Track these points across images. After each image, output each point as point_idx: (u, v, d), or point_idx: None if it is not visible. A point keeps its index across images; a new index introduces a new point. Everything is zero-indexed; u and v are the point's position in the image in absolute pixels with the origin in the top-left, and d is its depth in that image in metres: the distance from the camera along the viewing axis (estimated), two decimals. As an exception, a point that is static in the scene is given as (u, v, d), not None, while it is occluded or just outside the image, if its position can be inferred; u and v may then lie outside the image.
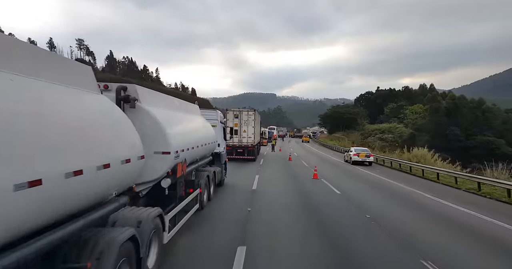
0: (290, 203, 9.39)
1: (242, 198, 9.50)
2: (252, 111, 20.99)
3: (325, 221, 7.49)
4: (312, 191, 11.38)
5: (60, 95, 2.75)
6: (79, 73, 3.36)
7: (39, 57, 2.69)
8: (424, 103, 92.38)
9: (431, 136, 62.77)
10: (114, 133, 3.56)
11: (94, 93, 3.53)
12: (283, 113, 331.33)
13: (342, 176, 15.91)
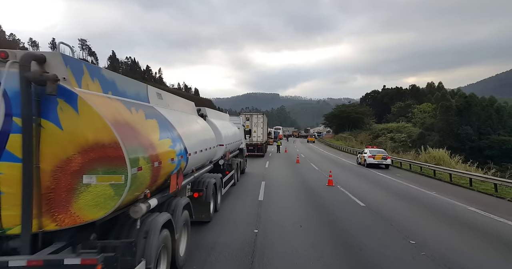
0: (306, 220, 7.49)
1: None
2: (261, 114, 24.08)
3: (358, 253, 5.56)
4: (331, 203, 9.47)
5: (189, 117, 6.36)
6: (190, 105, 7.15)
7: (178, 100, 6.28)
8: (433, 102, 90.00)
9: (441, 135, 60.32)
10: (206, 134, 6.86)
11: (195, 115, 7.36)
12: (286, 113, 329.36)
13: (360, 182, 13.94)
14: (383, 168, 19.51)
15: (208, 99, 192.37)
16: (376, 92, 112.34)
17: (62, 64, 2.74)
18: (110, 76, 3.53)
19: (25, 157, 2.53)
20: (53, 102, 2.65)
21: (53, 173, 2.64)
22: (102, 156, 2.70)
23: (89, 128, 2.68)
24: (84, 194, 2.69)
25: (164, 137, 4.07)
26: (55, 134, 2.64)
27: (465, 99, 67.62)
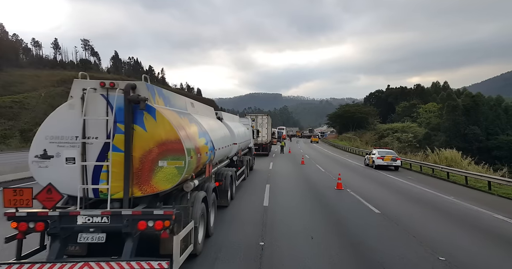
0: (317, 231, 6.70)
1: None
2: (266, 115, 24.84)
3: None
4: (342, 210, 8.67)
5: (211, 120, 7.75)
6: (211, 110, 8.79)
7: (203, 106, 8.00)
8: (438, 102, 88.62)
9: (448, 135, 59.18)
10: (224, 134, 8.42)
11: (215, 118, 9.04)
12: (289, 113, 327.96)
13: (370, 186, 13.11)
14: (392, 170, 18.65)
15: (210, 99, 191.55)
16: (380, 91, 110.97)
17: (145, 89, 4.31)
18: (166, 94, 5.13)
19: (126, 149, 3.99)
20: (141, 114, 4.12)
21: (140, 159, 4.11)
22: (170, 148, 4.16)
23: (162, 130, 4.17)
24: (159, 173, 4.13)
25: (201, 136, 5.67)
26: (142, 134, 4.13)
27: (472, 98, 66.37)
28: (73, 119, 4.09)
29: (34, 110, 62.23)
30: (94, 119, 4.11)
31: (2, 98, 59.78)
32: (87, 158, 4.09)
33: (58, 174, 4.04)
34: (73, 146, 4.09)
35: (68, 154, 4.09)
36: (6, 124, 55.05)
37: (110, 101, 4.13)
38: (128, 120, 4.04)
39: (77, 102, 4.15)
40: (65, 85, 76.31)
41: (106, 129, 4.11)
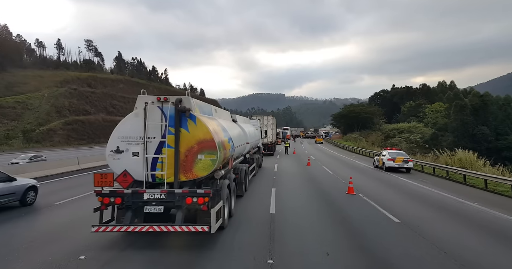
0: (332, 244, 5.89)
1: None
2: (271, 116, 26.03)
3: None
4: (357, 218, 7.85)
5: (229, 123, 9.21)
6: (228, 114, 10.52)
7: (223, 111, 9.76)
8: (445, 101, 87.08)
9: (456, 136, 57.86)
10: (240, 134, 9.56)
11: (231, 121, 10.15)
12: (292, 113, 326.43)
13: (383, 190, 12.23)
14: (404, 172, 17.72)
15: (214, 100, 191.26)
16: (385, 91, 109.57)
17: (189, 102, 6.00)
18: (200, 104, 6.76)
19: (175, 146, 5.65)
20: (185, 120, 5.79)
21: (185, 153, 5.73)
22: (206, 146, 5.76)
23: (201, 132, 5.81)
24: (198, 164, 5.73)
25: (225, 136, 7.04)
26: (186, 135, 5.76)
27: (480, 98, 64.88)
28: (138, 124, 5.77)
29: (37, 110, 62.03)
30: (153, 124, 5.75)
31: (6, 99, 59.65)
32: (147, 152, 5.74)
33: (126, 164, 5.76)
34: (137, 144, 5.79)
35: (134, 150, 5.78)
36: (9, 125, 54.86)
37: (164, 111, 5.78)
38: (177, 124, 5.73)
39: (141, 111, 5.80)
40: (68, 85, 76.11)
41: (161, 131, 5.75)
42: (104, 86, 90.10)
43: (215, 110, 8.14)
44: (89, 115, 70.33)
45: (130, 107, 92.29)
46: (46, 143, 54.41)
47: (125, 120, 5.93)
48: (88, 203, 7.77)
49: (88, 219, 6.31)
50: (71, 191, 10.64)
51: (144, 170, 5.70)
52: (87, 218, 6.51)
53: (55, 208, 8.66)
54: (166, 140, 5.68)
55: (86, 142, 63.03)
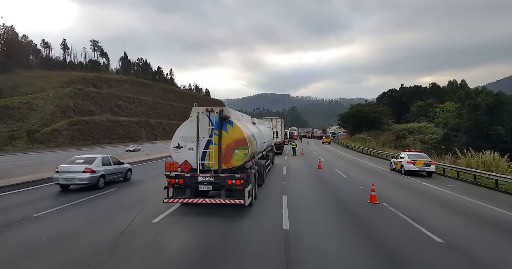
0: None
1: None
2: (280, 118, 27.73)
3: None
4: (387, 236, 6.52)
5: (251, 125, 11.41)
6: (249, 117, 12.67)
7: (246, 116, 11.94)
8: (455, 101, 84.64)
9: (469, 136, 55.75)
10: (259, 134, 11.74)
11: (251, 123, 12.18)
12: (298, 113, 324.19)
13: (409, 198, 10.85)
14: (425, 176, 16.26)
15: (219, 100, 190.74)
16: (394, 91, 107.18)
17: (228, 111, 8.40)
18: (233, 111, 9.46)
19: (218, 143, 8.01)
20: (225, 124, 8.15)
21: (225, 149, 8.08)
22: (240, 143, 8.11)
23: (236, 133, 8.17)
24: (235, 156, 8.08)
25: (251, 136, 9.40)
26: (226, 135, 8.11)
27: (495, 97, 62.59)
28: (192, 128, 8.16)
29: (42, 111, 61.76)
30: (203, 127, 8.13)
31: (11, 99, 59.47)
32: (199, 147, 8.11)
33: (185, 156, 8.16)
34: (192, 142, 8.15)
35: (190, 146, 8.15)
36: (14, 125, 54.57)
37: (210, 118, 8.14)
38: (220, 128, 8.05)
39: (194, 118, 8.18)
40: (73, 86, 75.86)
41: (208, 133, 8.11)
42: (109, 86, 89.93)
43: (242, 115, 10.94)
44: (93, 116, 69.97)
45: (135, 107, 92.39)
46: (50, 143, 53.98)
47: (183, 125, 8.40)
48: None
49: (161, 191, 8.76)
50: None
51: (197, 160, 8.16)
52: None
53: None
54: (212, 139, 8.14)
55: (91, 142, 62.55)
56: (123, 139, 72.94)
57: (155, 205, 8.68)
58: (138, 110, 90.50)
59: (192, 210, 8.27)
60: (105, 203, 9.46)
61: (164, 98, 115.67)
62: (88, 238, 6.09)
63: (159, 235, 6.34)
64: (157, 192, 9.95)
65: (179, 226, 7.09)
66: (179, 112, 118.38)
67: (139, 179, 14.04)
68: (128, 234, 6.31)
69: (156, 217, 7.55)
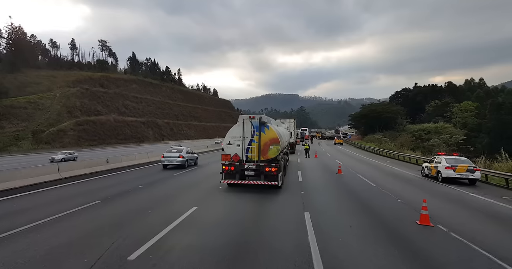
0: None
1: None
2: (293, 119, 29.52)
3: None
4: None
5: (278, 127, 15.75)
6: (276, 122, 18.02)
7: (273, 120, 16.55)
8: (473, 100, 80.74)
9: (492, 137, 52.36)
10: (283, 134, 16.18)
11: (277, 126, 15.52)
12: (306, 113, 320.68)
13: (469, 218, 8.51)
14: (466, 185, 13.83)
15: (227, 100, 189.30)
16: (407, 90, 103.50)
17: (265, 118, 12.35)
18: (269, 118, 14.04)
19: (258, 141, 11.48)
20: (263, 127, 11.56)
21: (263, 145, 11.46)
22: (274, 141, 11.49)
23: (271, 134, 11.57)
24: (270, 151, 11.44)
25: (279, 135, 12.21)
26: (263, 135, 11.51)
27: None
28: (239, 130, 11.57)
29: (48, 111, 61.08)
30: (247, 130, 11.50)
31: (17, 99, 58.93)
32: (244, 144, 11.50)
33: (234, 150, 11.61)
34: (239, 140, 11.56)
35: (237, 143, 11.57)
36: (19, 125, 53.84)
37: (253, 123, 11.48)
38: (259, 130, 11.34)
39: (241, 123, 11.54)
40: (80, 85, 75.26)
41: (251, 134, 11.49)
42: (117, 86, 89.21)
43: (270, 119, 14.09)
44: (100, 116, 69.03)
45: (142, 107, 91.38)
46: (56, 144, 53.03)
47: (233, 128, 11.84)
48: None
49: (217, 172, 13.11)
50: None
51: (243, 153, 11.56)
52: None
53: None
54: (254, 138, 11.50)
55: (97, 143, 61.54)
56: (130, 139, 71.90)
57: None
58: (146, 110, 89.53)
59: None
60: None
61: (171, 98, 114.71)
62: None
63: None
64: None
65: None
66: (187, 112, 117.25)
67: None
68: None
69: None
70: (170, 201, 9.75)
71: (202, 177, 15.13)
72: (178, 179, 14.61)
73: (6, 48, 73.41)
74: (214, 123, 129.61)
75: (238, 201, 9.89)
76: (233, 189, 11.68)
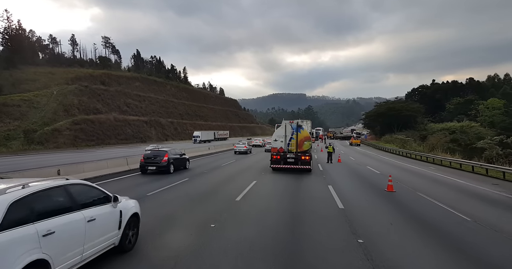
0: None
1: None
2: (308, 120, 28.35)
3: None
4: None
5: (309, 129, 22.14)
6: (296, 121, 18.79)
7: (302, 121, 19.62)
8: (499, 97, 74.56)
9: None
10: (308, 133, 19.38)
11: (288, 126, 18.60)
12: (314, 113, 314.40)
13: None
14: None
15: (233, 99, 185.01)
16: (425, 87, 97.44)
17: (300, 121, 18.32)
18: (303, 121, 19.64)
19: (296, 138, 16.88)
20: (299, 129, 17.18)
21: (299, 141, 16.88)
22: (307, 138, 17.20)
23: (305, 133, 17.44)
24: (304, 145, 16.93)
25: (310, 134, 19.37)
26: (300, 134, 17.01)
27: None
28: (282, 130, 17.17)
29: (43, 109, 57.53)
30: (288, 130, 17.03)
31: (11, 96, 55.36)
32: (286, 140, 16.87)
33: (279, 145, 16.93)
34: (282, 138, 16.97)
35: (281, 140, 16.96)
36: (11, 124, 50.10)
37: (292, 126, 17.02)
38: (297, 131, 16.85)
39: (283, 126, 17.19)
40: (79, 83, 71.69)
41: (291, 133, 16.91)
42: (119, 84, 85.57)
43: (302, 121, 18.92)
44: (100, 114, 65.24)
45: (145, 106, 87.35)
46: (49, 144, 49.25)
47: (278, 129, 17.46)
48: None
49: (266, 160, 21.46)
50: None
51: (285, 147, 16.69)
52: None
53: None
54: (293, 136, 16.65)
55: (95, 143, 57.64)
56: (131, 139, 68.01)
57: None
58: (149, 109, 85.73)
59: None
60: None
61: (176, 97, 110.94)
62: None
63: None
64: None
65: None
66: (192, 111, 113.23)
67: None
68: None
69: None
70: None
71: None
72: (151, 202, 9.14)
73: (2, 44, 70.31)
74: (221, 122, 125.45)
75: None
76: None
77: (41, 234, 3.43)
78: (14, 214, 3.25)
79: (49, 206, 3.80)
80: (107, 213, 4.71)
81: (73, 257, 3.91)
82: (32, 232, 3.34)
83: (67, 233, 3.80)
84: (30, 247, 3.26)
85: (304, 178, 14.52)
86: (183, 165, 17.17)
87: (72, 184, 4.34)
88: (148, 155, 15.45)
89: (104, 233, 4.60)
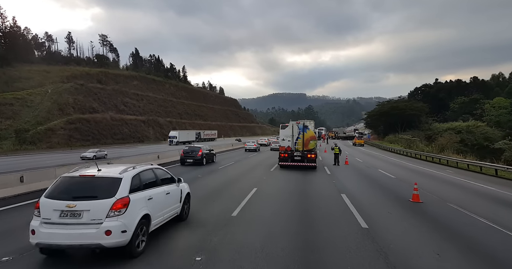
0: None
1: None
2: (311, 120, 29.20)
3: None
4: None
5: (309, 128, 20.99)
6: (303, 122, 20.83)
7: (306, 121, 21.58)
8: (504, 96, 72.97)
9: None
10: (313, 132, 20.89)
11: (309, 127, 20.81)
12: (314, 113, 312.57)
13: None
14: None
15: (233, 99, 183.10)
16: (428, 86, 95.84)
17: (307, 122, 21.38)
18: (309, 122, 22.27)
19: (302, 138, 18.30)
20: (305, 129, 18.67)
21: (305, 140, 18.26)
22: (312, 138, 18.75)
23: (311, 133, 18.95)
24: (310, 144, 18.36)
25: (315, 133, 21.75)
26: (306, 134, 18.42)
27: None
28: (289, 130, 18.56)
29: (37, 108, 55.74)
30: (295, 130, 18.41)
31: (3, 95, 53.25)
32: (293, 140, 18.29)
33: (287, 143, 18.45)
34: (289, 137, 18.40)
35: (288, 139, 18.41)
36: (3, 124, 47.88)
37: (298, 126, 18.54)
38: (303, 131, 18.26)
39: (290, 126, 18.64)
40: (75, 81, 69.88)
41: (298, 133, 18.27)
42: (116, 82, 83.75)
43: (308, 121, 21.20)
44: (95, 113, 63.51)
45: (143, 105, 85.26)
46: (42, 144, 47.49)
47: (285, 129, 18.68)
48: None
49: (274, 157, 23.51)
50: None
51: (292, 145, 18.11)
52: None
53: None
54: (299, 136, 18.05)
55: (91, 143, 55.89)
56: (128, 139, 66.28)
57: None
58: (147, 108, 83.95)
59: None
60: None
61: (175, 96, 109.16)
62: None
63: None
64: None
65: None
66: (191, 110, 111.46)
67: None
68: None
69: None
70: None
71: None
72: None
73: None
74: (220, 122, 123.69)
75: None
76: None
77: (147, 198, 5.42)
78: (134, 184, 5.22)
79: (148, 181, 5.72)
80: (174, 190, 6.69)
81: (161, 216, 5.91)
82: (143, 196, 5.34)
83: (158, 200, 5.78)
84: (143, 205, 5.25)
85: (314, 184, 13.00)
86: (212, 158, 21.47)
87: (156, 168, 6.39)
88: (186, 151, 19.91)
89: (173, 204, 6.58)
